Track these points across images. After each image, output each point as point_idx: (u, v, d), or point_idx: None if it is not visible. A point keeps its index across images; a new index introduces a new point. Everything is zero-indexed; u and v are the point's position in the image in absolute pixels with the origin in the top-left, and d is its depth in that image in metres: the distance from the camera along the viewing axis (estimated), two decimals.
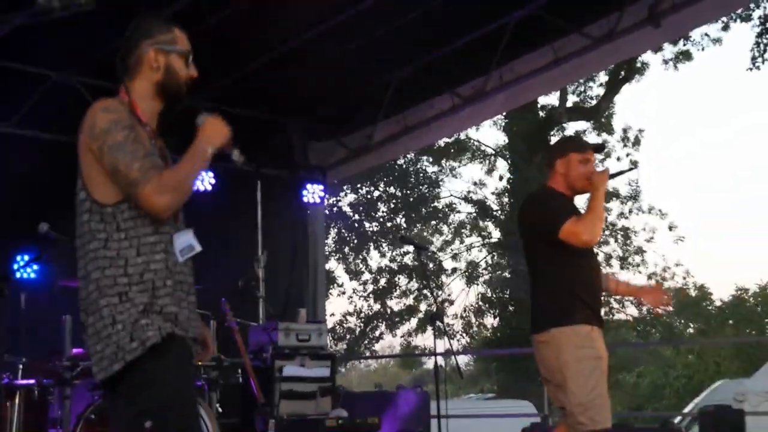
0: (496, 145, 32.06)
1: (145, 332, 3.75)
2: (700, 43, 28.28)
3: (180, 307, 3.90)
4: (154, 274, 3.83)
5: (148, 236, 3.85)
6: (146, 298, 3.80)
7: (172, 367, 3.81)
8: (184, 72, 4.07)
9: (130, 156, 3.77)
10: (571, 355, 5.99)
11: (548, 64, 11.50)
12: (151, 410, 3.75)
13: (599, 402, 5.92)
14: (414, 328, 32.04)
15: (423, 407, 10.57)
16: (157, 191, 3.76)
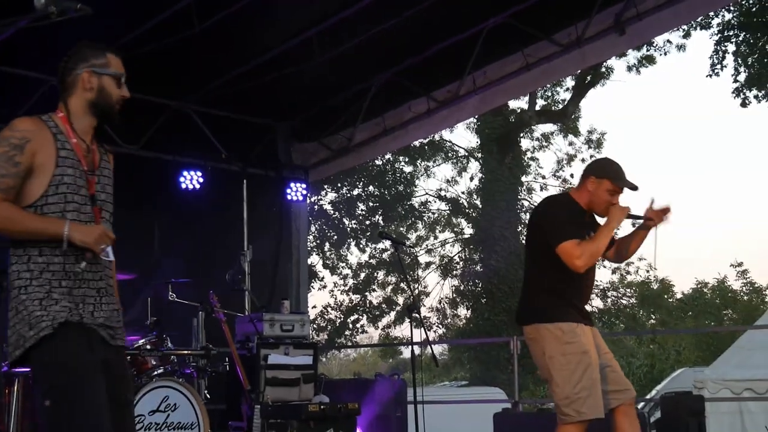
0: (468, 146, 32.14)
1: (39, 323, 4.04)
2: (662, 48, 28.39)
3: (80, 303, 4.15)
4: (51, 274, 4.12)
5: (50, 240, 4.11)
6: (43, 293, 4.08)
7: (69, 350, 4.05)
8: (115, 92, 4.36)
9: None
10: (556, 350, 6.08)
11: (519, 69, 11.56)
12: (49, 391, 4.02)
13: (585, 395, 5.98)
14: (393, 320, 32.08)
15: (400, 394, 10.58)
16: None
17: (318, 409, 8.87)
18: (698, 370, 17.79)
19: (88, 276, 4.20)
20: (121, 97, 4.38)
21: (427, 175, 32.01)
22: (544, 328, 6.14)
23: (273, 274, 12.70)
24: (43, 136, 4.17)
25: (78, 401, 3.99)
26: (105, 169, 4.41)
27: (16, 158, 4.09)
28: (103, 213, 4.31)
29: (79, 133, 4.30)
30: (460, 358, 32.76)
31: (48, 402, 3.99)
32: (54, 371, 4.04)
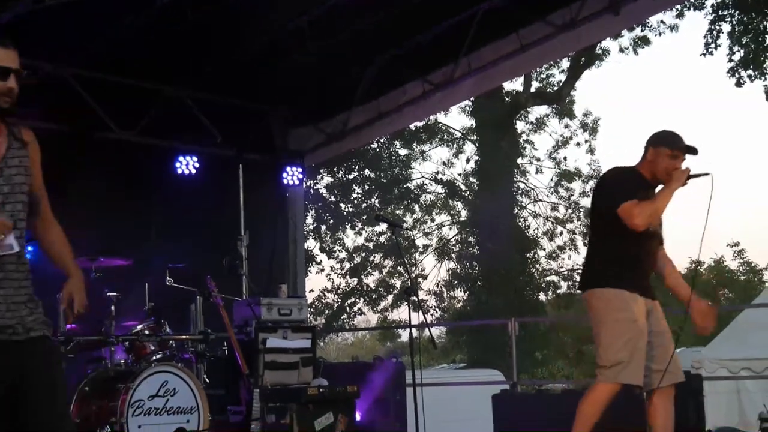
0: (463, 128, 32.09)
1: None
2: (656, 29, 28.38)
3: None
4: None
5: None
6: None
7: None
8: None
9: None
10: (606, 314, 6.31)
11: (514, 51, 11.56)
12: None
13: (626, 361, 6.17)
14: (390, 304, 32.09)
15: (399, 377, 10.61)
16: None
17: (317, 393, 8.90)
18: (695, 350, 17.85)
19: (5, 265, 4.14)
20: (6, 89, 4.18)
21: (423, 159, 32.00)
22: (599, 292, 6.37)
23: (270, 258, 12.71)
24: None
25: None
26: (13, 158, 4.27)
27: None
28: (7, 206, 4.19)
29: None
30: (458, 341, 32.79)
31: None
32: None
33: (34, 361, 4.17)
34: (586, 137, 31.15)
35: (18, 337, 4.16)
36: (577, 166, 31.73)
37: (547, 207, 31.27)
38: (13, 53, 4.23)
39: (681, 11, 27.18)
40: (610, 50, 29.42)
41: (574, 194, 31.21)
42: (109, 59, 10.01)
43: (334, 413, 8.92)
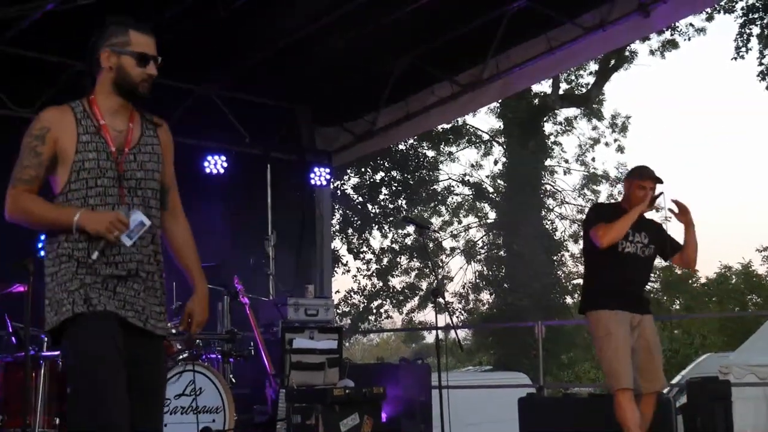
0: (491, 130, 32.02)
1: (61, 307, 4.03)
2: (686, 33, 28.24)
3: (101, 288, 4.07)
4: (76, 261, 4.06)
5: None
6: (68, 279, 4.05)
7: (86, 338, 3.98)
8: (135, 71, 4.22)
9: (20, 160, 4.20)
10: (594, 334, 7.33)
11: (542, 52, 11.52)
12: (69, 376, 4.10)
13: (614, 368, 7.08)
14: (416, 305, 32.05)
15: (425, 378, 10.58)
16: (11, 198, 4.15)
17: (343, 393, 8.89)
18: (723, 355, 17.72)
19: (116, 259, 4.11)
20: (146, 75, 4.25)
21: (450, 160, 31.94)
22: (591, 315, 7.30)
23: (297, 258, 12.72)
24: (65, 123, 4.17)
25: (90, 390, 3.93)
26: (147, 145, 4.31)
27: (37, 149, 4.13)
28: (139, 192, 4.22)
29: (108, 113, 4.24)
30: (484, 343, 32.73)
31: (69, 388, 4.01)
32: (72, 358, 4.06)
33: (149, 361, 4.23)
34: (616, 136, 31.04)
35: (148, 327, 4.21)
36: (605, 168, 31.66)
37: (573, 209, 31.21)
38: (152, 40, 4.31)
39: (711, 14, 27.06)
40: (639, 52, 29.31)
41: (601, 197, 31.12)
42: None
43: (360, 414, 8.91)
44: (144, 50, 4.25)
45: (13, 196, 4.15)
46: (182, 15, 9.18)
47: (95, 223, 4.02)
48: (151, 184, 4.27)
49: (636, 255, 7.31)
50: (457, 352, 8.80)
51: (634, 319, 7.22)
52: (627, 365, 7.06)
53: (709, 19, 27.66)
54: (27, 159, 4.16)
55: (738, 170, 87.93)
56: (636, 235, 7.30)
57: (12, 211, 4.16)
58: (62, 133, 4.14)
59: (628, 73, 60.55)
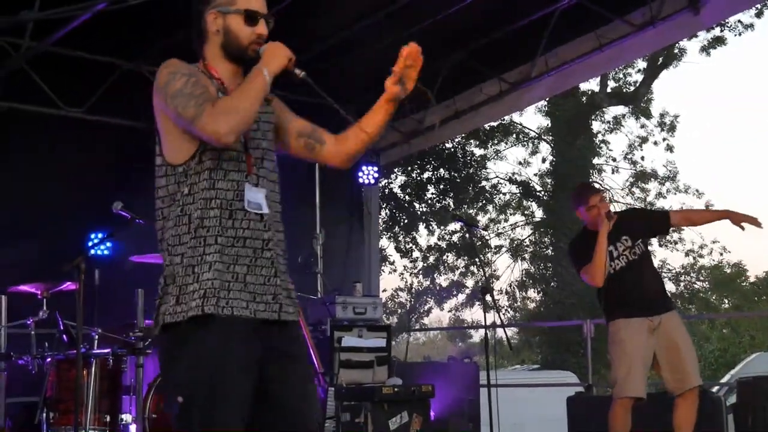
0: (538, 128, 31.89)
1: (189, 301, 3.57)
2: (736, 29, 27.95)
3: (232, 265, 3.63)
4: (206, 231, 3.62)
5: (207, 191, 3.66)
6: (198, 259, 3.60)
7: (213, 344, 3.55)
8: (244, 32, 3.85)
9: (186, 98, 3.60)
10: (610, 342, 7.41)
11: (592, 50, 11.44)
12: (180, 385, 3.57)
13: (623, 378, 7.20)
14: (461, 303, 32.03)
15: (473, 377, 10.56)
16: (212, 118, 3.53)
17: (392, 392, 8.88)
18: None
19: (245, 234, 3.69)
20: (255, 36, 3.86)
21: (498, 158, 31.83)
22: (610, 326, 7.45)
23: (345, 257, 12.72)
24: (202, 75, 3.79)
25: (211, 406, 3.49)
26: (264, 113, 3.93)
27: (200, 81, 3.69)
28: (264, 163, 3.88)
29: (224, 78, 3.85)
30: (531, 342, 32.63)
31: (181, 399, 3.53)
32: (190, 364, 3.55)
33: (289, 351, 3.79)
34: (664, 135, 30.80)
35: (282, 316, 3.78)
36: (653, 167, 31.43)
37: (622, 208, 30.93)
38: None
39: (761, 10, 26.77)
40: (687, 50, 29.06)
41: (650, 195, 30.90)
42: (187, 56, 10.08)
43: (409, 412, 8.90)
44: (252, 7, 3.88)
45: (211, 115, 3.55)
46: None
47: (276, 59, 3.79)
48: (272, 156, 3.97)
49: (629, 265, 7.40)
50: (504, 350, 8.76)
51: (653, 323, 7.25)
52: (635, 375, 7.17)
53: (759, 15, 27.38)
54: (197, 88, 3.64)
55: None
56: (618, 246, 7.40)
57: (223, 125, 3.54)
58: (204, 81, 3.75)
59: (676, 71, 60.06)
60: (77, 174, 10.21)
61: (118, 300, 8.15)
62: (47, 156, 10.21)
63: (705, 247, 31.94)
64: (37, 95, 10.00)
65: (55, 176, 10.16)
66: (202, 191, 3.66)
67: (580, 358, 24.08)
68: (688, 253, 31.50)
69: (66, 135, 10.30)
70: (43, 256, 9.36)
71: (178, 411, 3.54)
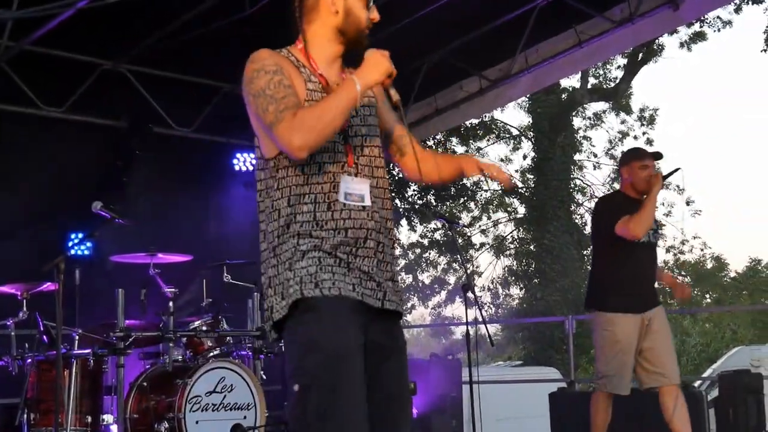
0: (520, 125, 31.95)
1: (288, 289, 3.52)
2: (715, 24, 28.07)
3: (336, 265, 3.54)
4: (299, 226, 3.56)
5: (299, 186, 3.59)
6: (291, 251, 3.55)
7: (321, 324, 3.47)
8: (363, 15, 3.79)
9: (267, 100, 3.51)
10: (598, 333, 7.25)
11: (571, 46, 11.45)
12: (296, 372, 3.49)
13: (612, 374, 7.14)
14: (443, 300, 32.07)
15: (455, 374, 10.58)
16: (289, 130, 3.44)
17: None
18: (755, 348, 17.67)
19: (346, 224, 3.59)
20: (371, 20, 3.81)
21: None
22: (595, 314, 7.29)
23: None
24: (290, 66, 3.65)
25: (330, 389, 3.40)
26: (364, 97, 3.64)
27: (284, 81, 3.56)
28: (365, 150, 3.71)
29: (323, 63, 3.75)
30: (514, 338, 32.69)
31: (297, 387, 3.44)
32: (302, 350, 3.48)
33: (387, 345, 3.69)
34: (644, 129, 30.92)
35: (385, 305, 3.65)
36: None
37: None
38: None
39: (739, 6, 26.86)
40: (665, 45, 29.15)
41: None
42: (168, 55, 10.05)
43: None
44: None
45: (291, 126, 3.44)
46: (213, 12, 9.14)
47: (375, 68, 3.60)
48: (375, 141, 3.78)
49: (648, 244, 7.27)
50: (486, 347, 8.75)
51: (645, 319, 7.18)
52: (627, 374, 7.14)
53: (738, 11, 27.49)
54: (280, 91, 3.52)
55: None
56: None
57: (303, 137, 3.43)
58: (291, 76, 3.62)
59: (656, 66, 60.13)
60: (57, 174, 10.17)
61: (98, 300, 8.11)
62: (27, 156, 10.16)
63: (686, 242, 32.09)
64: (17, 95, 9.95)
65: (35, 176, 10.12)
66: (293, 186, 3.60)
67: (563, 354, 24.14)
68: (669, 249, 31.64)
69: (46, 135, 10.25)
70: (23, 257, 9.32)
71: (294, 400, 3.46)
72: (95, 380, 7.43)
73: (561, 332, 23.77)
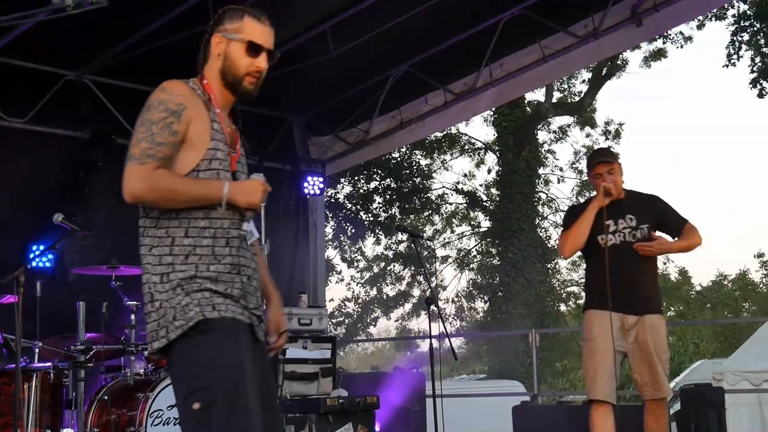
0: (485, 139, 32.06)
1: (187, 312, 3.64)
2: (677, 41, 28.30)
3: (229, 289, 3.73)
4: (198, 258, 3.70)
5: (198, 219, 3.73)
6: (188, 278, 3.68)
7: (220, 345, 3.64)
8: (243, 62, 3.89)
9: (148, 135, 3.66)
10: (583, 335, 6.93)
11: (536, 61, 11.49)
12: (198, 390, 3.59)
13: (590, 377, 6.72)
14: (408, 312, 32.08)
15: (419, 387, 10.57)
16: (139, 176, 3.62)
17: (336, 403, 8.86)
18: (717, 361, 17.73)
19: (241, 261, 3.79)
20: (254, 68, 3.90)
21: (444, 168, 31.96)
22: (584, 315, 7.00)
23: (290, 267, 12.66)
24: (198, 105, 3.79)
25: (231, 406, 3.54)
26: (242, 147, 4.00)
27: (174, 126, 3.69)
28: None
29: (220, 106, 3.90)
30: (478, 351, 32.75)
31: (197, 405, 3.55)
32: (203, 368, 3.61)
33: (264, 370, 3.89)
34: (609, 143, 31.09)
35: (260, 335, 3.91)
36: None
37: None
38: (270, 31, 3.99)
39: (702, 22, 27.11)
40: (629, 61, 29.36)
41: None
42: (131, 66, 10.01)
43: (354, 424, 8.88)
44: (257, 39, 3.91)
45: (144, 175, 3.61)
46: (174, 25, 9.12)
47: (247, 195, 3.75)
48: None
49: (624, 245, 6.79)
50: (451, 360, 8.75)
51: (628, 321, 6.72)
52: (603, 375, 6.63)
53: (700, 27, 27.75)
54: (162, 135, 3.66)
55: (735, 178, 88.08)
56: (620, 222, 6.82)
57: (146, 192, 3.62)
58: (196, 115, 3.76)
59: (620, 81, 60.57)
60: (19, 185, 10.08)
61: (60, 313, 8.06)
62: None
63: None
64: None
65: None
66: (194, 219, 3.76)
67: (527, 367, 24.19)
68: None
69: (7, 145, 10.16)
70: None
71: (195, 419, 3.60)
72: (55, 394, 7.36)
73: (525, 345, 23.82)
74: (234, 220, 3.78)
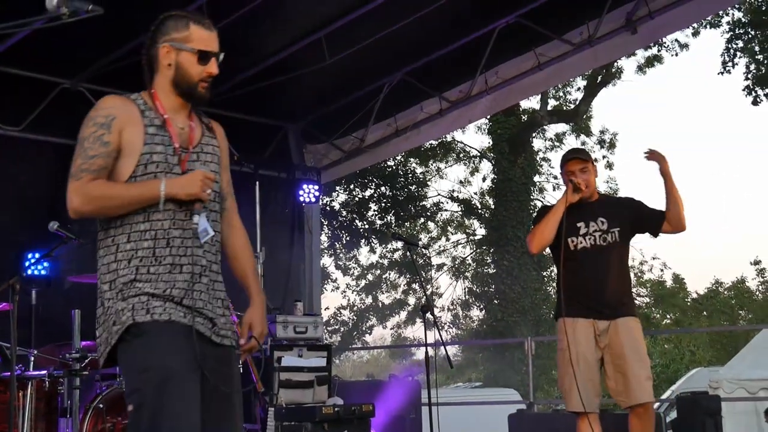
0: (480, 146, 32.08)
1: (121, 317, 3.75)
2: (672, 48, 28.35)
3: (169, 290, 3.80)
4: (139, 261, 3.80)
5: (138, 224, 3.83)
6: (128, 283, 3.78)
7: (152, 348, 3.72)
8: (195, 70, 3.96)
9: (81, 151, 3.83)
10: (558, 344, 6.69)
11: (531, 68, 11.52)
12: (131, 393, 3.76)
13: (566, 388, 6.52)
14: (403, 320, 32.07)
15: (415, 395, 10.55)
16: (77, 191, 3.79)
17: (332, 412, 8.84)
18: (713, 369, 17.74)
19: (182, 261, 3.84)
20: (206, 74, 3.98)
21: (439, 176, 31.96)
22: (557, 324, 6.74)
23: (286, 275, 12.66)
24: (129, 113, 3.88)
25: (158, 407, 3.63)
26: (208, 145, 4.06)
27: (104, 137, 3.81)
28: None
29: (170, 111, 3.96)
30: (474, 359, 32.72)
31: (131, 407, 3.72)
32: (134, 372, 3.76)
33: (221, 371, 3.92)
34: (604, 153, 31.11)
35: (218, 339, 3.95)
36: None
37: None
38: (215, 36, 4.06)
39: (697, 30, 27.17)
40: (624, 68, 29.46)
41: None
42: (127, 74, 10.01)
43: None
44: (206, 47, 3.99)
45: (79, 189, 3.78)
46: None
47: (186, 186, 3.81)
48: (214, 186, 3.98)
49: (594, 248, 6.65)
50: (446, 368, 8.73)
51: (599, 326, 6.56)
52: (580, 385, 6.40)
53: (695, 35, 27.80)
54: (93, 148, 3.80)
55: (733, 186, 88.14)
56: (591, 224, 6.66)
57: (83, 204, 3.78)
58: (128, 122, 3.86)
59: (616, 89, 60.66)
60: (15, 193, 10.09)
61: (55, 321, 8.05)
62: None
63: (645, 263, 32.29)
64: None
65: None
66: (134, 224, 3.86)
67: (523, 375, 24.17)
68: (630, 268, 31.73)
69: (3, 154, 10.17)
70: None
71: (130, 420, 3.75)
72: (51, 402, 7.35)
73: (521, 353, 23.81)
74: (176, 219, 3.85)
